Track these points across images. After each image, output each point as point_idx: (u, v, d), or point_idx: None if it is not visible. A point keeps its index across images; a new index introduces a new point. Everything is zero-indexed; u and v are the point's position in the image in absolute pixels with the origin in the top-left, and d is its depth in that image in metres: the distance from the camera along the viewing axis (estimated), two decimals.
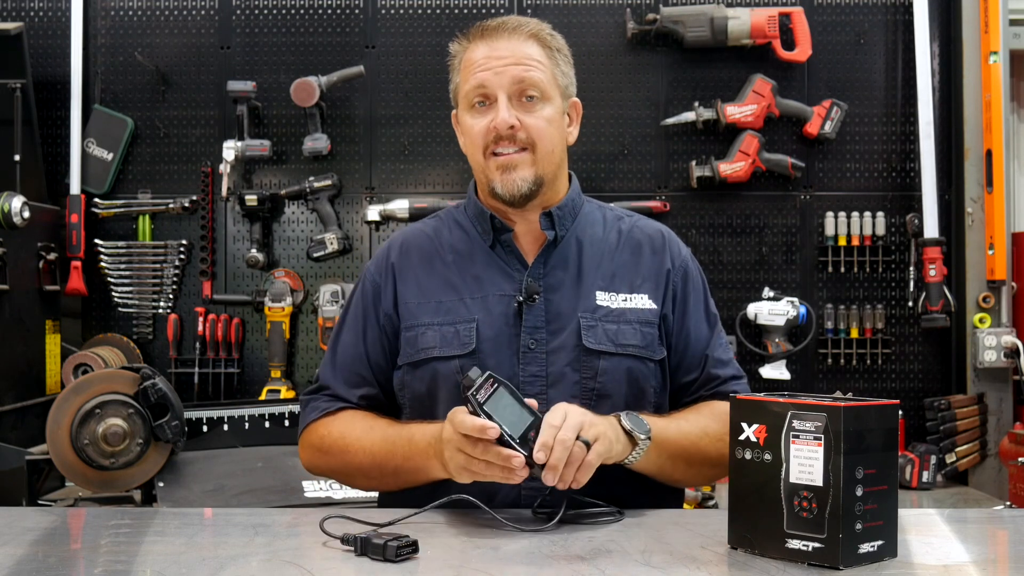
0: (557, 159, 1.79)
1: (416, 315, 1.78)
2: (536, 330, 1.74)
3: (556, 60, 1.79)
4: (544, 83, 1.75)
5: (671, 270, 1.84)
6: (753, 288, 3.56)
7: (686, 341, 1.82)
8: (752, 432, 1.35)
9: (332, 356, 1.85)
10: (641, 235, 1.86)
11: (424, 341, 1.76)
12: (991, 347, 3.40)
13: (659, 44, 3.57)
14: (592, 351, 1.73)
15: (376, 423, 1.75)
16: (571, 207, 1.83)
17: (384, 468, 1.71)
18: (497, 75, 1.73)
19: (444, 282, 1.80)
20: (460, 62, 1.81)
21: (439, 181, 3.61)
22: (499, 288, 1.77)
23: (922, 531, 1.56)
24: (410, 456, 1.66)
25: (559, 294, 1.77)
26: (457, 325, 1.75)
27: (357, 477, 1.80)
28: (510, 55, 1.74)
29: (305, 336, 3.58)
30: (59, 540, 1.57)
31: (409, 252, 1.85)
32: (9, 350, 3.15)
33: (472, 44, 1.79)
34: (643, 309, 1.79)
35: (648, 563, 1.33)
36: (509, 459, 1.48)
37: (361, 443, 1.73)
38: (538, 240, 1.81)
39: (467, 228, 1.84)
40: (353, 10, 3.61)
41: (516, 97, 1.74)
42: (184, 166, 3.60)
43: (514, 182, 1.74)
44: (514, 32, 1.76)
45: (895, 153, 3.60)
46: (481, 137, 1.75)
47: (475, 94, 1.76)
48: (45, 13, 3.60)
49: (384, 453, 1.70)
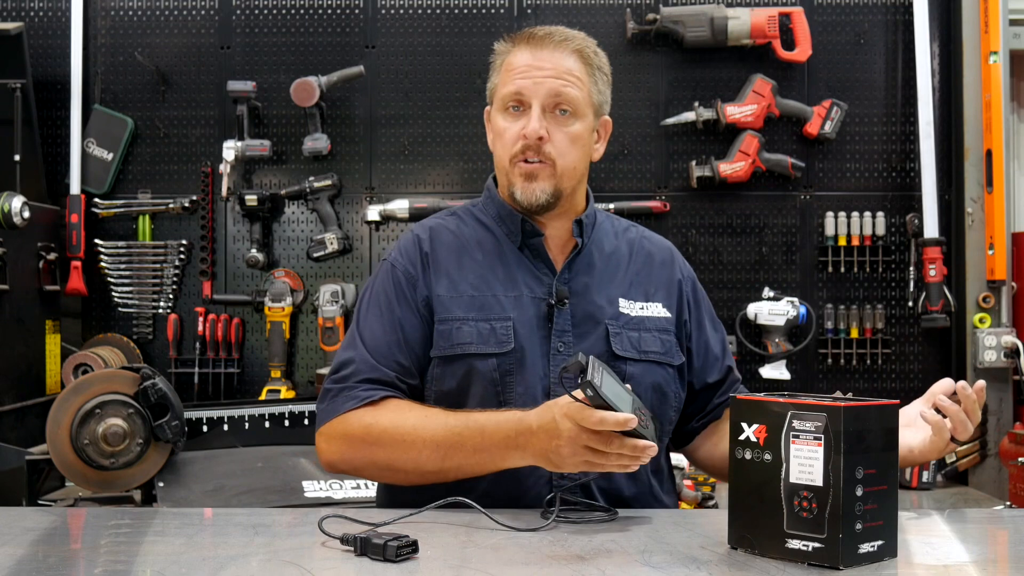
0: (578, 175, 1.82)
1: (449, 308, 1.77)
2: (564, 333, 1.76)
3: (595, 78, 1.82)
4: (579, 100, 1.78)
5: (681, 280, 1.90)
6: (753, 288, 3.56)
7: (704, 348, 1.89)
8: (752, 432, 1.35)
9: (360, 343, 1.77)
10: (651, 246, 1.92)
11: (460, 336, 1.74)
12: (991, 347, 3.40)
13: (659, 44, 3.58)
14: (620, 357, 1.77)
15: (431, 412, 1.69)
16: (593, 217, 1.88)
17: (448, 460, 1.64)
18: (536, 84, 1.76)
19: (476, 277, 1.79)
20: (502, 63, 1.83)
21: (439, 181, 3.61)
22: (531, 289, 1.79)
23: (922, 531, 1.56)
24: (482, 448, 1.61)
25: (585, 299, 1.80)
26: (493, 322, 1.75)
27: (408, 471, 1.68)
28: (552, 67, 1.76)
29: (305, 336, 3.58)
30: (59, 540, 1.57)
31: (437, 244, 1.84)
32: (9, 350, 3.15)
33: (517, 48, 1.81)
34: (659, 317, 1.84)
35: (648, 563, 1.33)
36: (645, 450, 1.47)
37: (419, 433, 1.65)
38: (564, 247, 1.84)
39: (491, 227, 1.85)
40: (353, 10, 3.61)
41: (550, 109, 1.76)
42: (184, 166, 3.60)
43: (533, 192, 1.77)
44: (559, 45, 1.78)
45: (895, 153, 3.60)
46: (511, 142, 1.78)
47: (511, 99, 1.78)
48: (45, 13, 3.60)
49: (449, 445, 1.64)
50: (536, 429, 1.55)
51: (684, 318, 1.87)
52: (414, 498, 1.62)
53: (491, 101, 1.86)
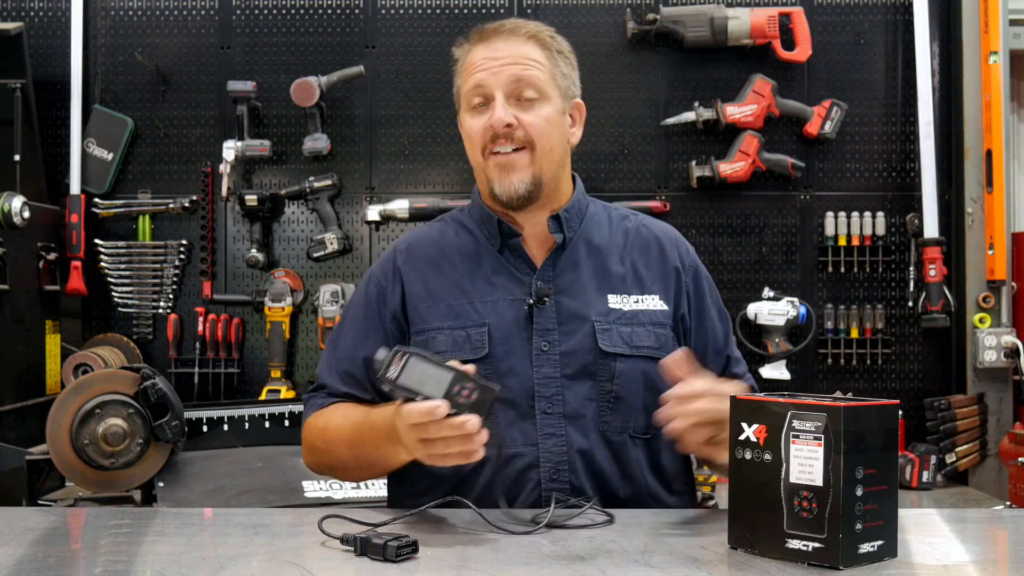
0: (557, 159, 1.78)
1: (426, 318, 1.77)
2: (548, 332, 1.74)
3: (556, 61, 1.79)
4: (542, 82, 1.75)
5: (681, 269, 1.85)
6: (753, 288, 3.56)
7: (705, 340, 1.84)
8: (752, 432, 1.35)
9: (331, 355, 1.84)
10: (648, 234, 1.87)
11: (435, 345, 1.74)
12: (991, 347, 3.40)
13: (659, 44, 3.57)
14: (608, 353, 1.74)
15: (351, 412, 1.74)
16: (577, 209, 1.83)
17: (359, 458, 1.70)
18: (494, 75, 1.74)
19: (453, 285, 1.79)
20: (462, 65, 1.81)
21: (439, 181, 3.61)
22: (509, 292, 1.76)
23: (922, 531, 1.56)
24: (376, 444, 1.65)
25: (570, 296, 1.77)
26: (468, 329, 1.74)
27: (344, 470, 1.80)
28: (508, 55, 1.75)
29: (305, 336, 3.58)
30: (59, 540, 1.57)
31: (415, 255, 1.84)
32: (9, 350, 3.15)
33: (472, 46, 1.79)
34: (655, 310, 1.80)
35: (648, 563, 1.33)
36: (463, 425, 1.44)
37: (337, 434, 1.73)
38: (545, 243, 1.81)
39: (474, 231, 1.84)
40: (353, 10, 3.61)
41: (514, 97, 1.74)
42: (184, 166, 3.60)
43: (512, 183, 1.74)
44: (512, 33, 1.77)
45: (895, 153, 3.60)
46: (479, 136, 1.75)
47: (474, 94, 1.76)
48: (45, 13, 3.60)
49: (354, 441, 1.69)
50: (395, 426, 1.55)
51: (682, 311, 1.83)
52: (417, 501, 1.62)
53: (458, 106, 1.84)
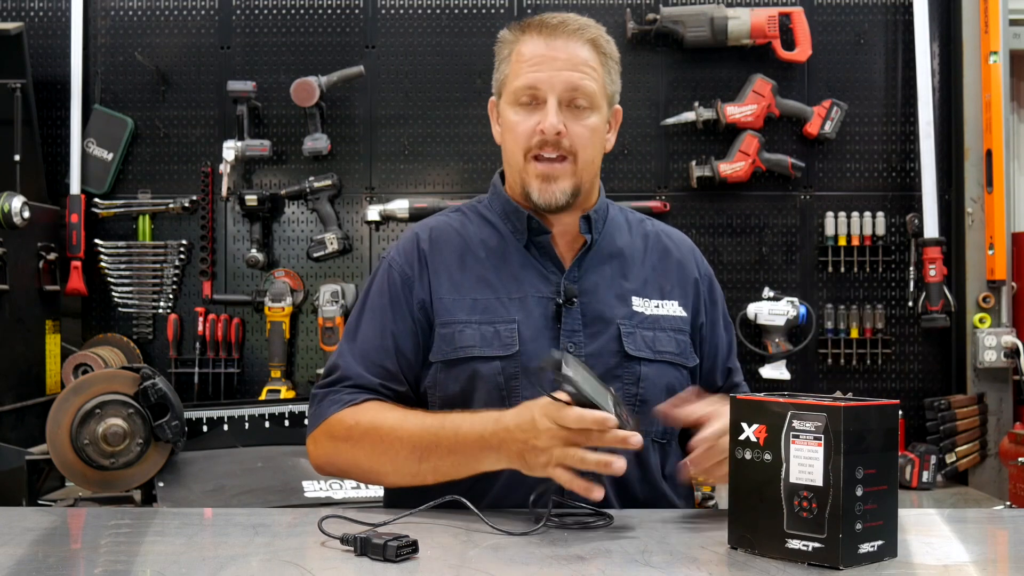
0: (595, 169, 1.77)
1: (451, 311, 1.72)
2: (574, 333, 1.71)
3: (608, 68, 1.76)
4: (595, 92, 1.72)
5: (698, 279, 1.84)
6: (753, 288, 3.56)
7: (715, 351, 1.85)
8: (752, 432, 1.34)
9: (351, 346, 1.75)
10: (668, 241, 1.86)
11: (463, 339, 1.70)
12: (991, 347, 3.40)
13: (659, 44, 3.58)
14: (633, 357, 1.72)
15: (409, 413, 1.67)
16: (604, 211, 1.82)
17: (423, 460, 1.61)
18: (551, 77, 1.69)
19: (479, 279, 1.75)
20: (511, 53, 1.75)
21: (439, 181, 3.61)
22: (537, 289, 1.74)
23: (922, 531, 1.56)
24: (456, 449, 1.58)
25: (595, 298, 1.75)
26: (497, 325, 1.70)
27: (387, 472, 1.67)
28: (566, 58, 1.70)
29: (305, 336, 3.58)
30: (59, 540, 1.57)
31: (439, 244, 1.78)
32: (9, 350, 3.15)
33: (527, 37, 1.73)
34: (675, 316, 1.79)
35: (648, 563, 1.33)
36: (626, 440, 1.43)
37: (397, 433, 1.63)
38: (573, 243, 1.78)
39: (496, 225, 1.80)
40: (353, 10, 3.61)
41: (566, 103, 1.70)
42: (184, 166, 3.60)
43: (553, 194, 1.72)
44: (574, 34, 1.72)
45: (895, 153, 3.60)
46: (525, 138, 1.72)
47: (524, 92, 1.71)
48: (45, 13, 3.60)
49: (425, 445, 1.61)
50: (513, 428, 1.52)
51: (700, 320, 1.82)
52: (418, 500, 1.60)
53: (498, 93, 1.79)
